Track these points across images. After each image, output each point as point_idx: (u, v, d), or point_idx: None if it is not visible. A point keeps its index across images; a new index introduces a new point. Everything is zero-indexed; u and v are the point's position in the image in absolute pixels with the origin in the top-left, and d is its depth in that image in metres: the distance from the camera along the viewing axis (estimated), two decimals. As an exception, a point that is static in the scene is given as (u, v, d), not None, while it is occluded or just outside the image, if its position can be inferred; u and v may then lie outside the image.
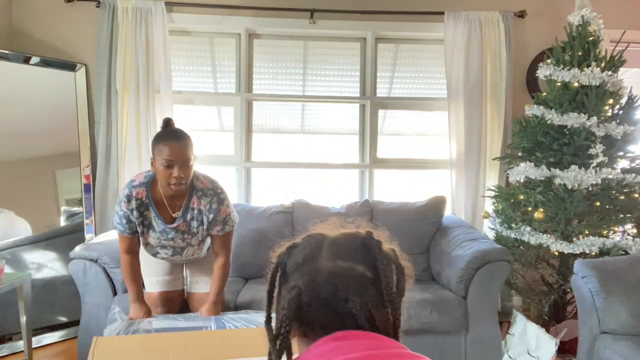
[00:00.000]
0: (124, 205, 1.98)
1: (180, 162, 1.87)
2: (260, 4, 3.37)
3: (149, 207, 1.99)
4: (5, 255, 2.82)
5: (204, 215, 2.03)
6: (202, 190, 2.02)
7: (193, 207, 2.02)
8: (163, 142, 1.89)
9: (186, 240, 2.07)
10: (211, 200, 2.03)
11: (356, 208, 3.15)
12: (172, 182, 1.89)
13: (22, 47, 3.24)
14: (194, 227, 2.05)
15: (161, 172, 1.89)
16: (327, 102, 3.60)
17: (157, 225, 2.02)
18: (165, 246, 2.07)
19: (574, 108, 2.80)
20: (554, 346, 2.43)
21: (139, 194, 1.97)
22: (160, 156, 1.88)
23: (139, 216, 1.99)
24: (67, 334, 3.01)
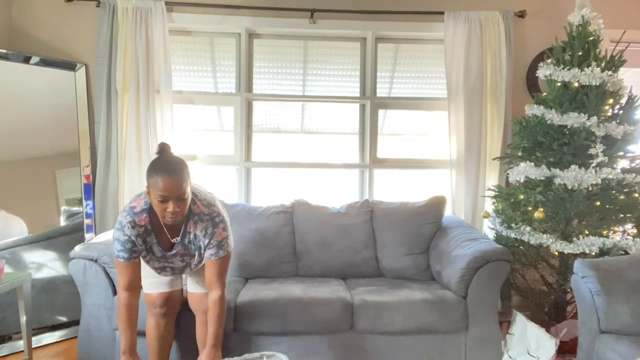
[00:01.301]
0: (127, 230, 1.95)
1: (174, 197, 1.84)
2: (260, 4, 3.37)
3: (151, 234, 2.00)
4: (5, 255, 2.82)
5: (200, 240, 2.04)
6: (198, 215, 2.00)
7: (190, 232, 2.03)
8: (157, 175, 1.83)
9: (185, 261, 2.11)
10: (206, 226, 2.01)
11: (356, 208, 3.15)
12: (167, 216, 1.87)
13: (22, 47, 3.24)
14: (192, 250, 2.08)
15: (156, 205, 1.87)
16: (327, 102, 3.60)
17: (158, 252, 2.05)
18: (165, 268, 2.11)
19: (574, 108, 2.81)
20: (554, 346, 2.43)
21: (142, 220, 1.97)
22: (155, 190, 1.84)
23: (141, 243, 2.01)
24: (67, 334, 3.01)
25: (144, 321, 2.36)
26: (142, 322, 2.36)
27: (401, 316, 2.48)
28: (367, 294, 2.61)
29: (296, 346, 2.49)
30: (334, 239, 3.02)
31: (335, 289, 2.67)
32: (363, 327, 2.49)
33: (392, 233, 3.05)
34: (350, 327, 2.51)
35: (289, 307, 2.45)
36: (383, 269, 3.04)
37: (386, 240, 3.05)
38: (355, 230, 3.05)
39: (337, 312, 2.48)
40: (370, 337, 2.51)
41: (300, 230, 3.05)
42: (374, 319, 2.48)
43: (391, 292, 2.62)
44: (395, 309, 2.49)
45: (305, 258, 3.00)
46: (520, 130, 3.00)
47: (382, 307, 2.49)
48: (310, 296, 2.53)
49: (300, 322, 2.47)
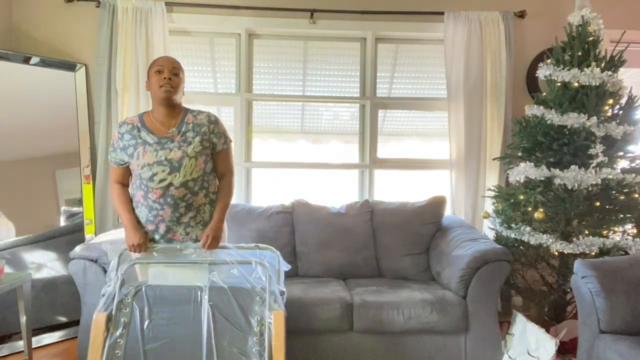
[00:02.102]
0: (115, 133, 2.17)
1: (169, 68, 2.10)
2: (260, 4, 3.37)
3: (141, 130, 2.13)
4: (5, 255, 2.82)
5: (203, 126, 2.16)
6: (197, 111, 2.22)
7: (189, 122, 2.16)
8: (156, 59, 2.17)
9: (182, 148, 2.10)
10: (208, 115, 2.21)
11: (356, 208, 3.15)
12: (161, 84, 2.08)
13: (22, 47, 3.24)
14: (190, 137, 2.13)
15: (153, 81, 2.11)
16: (327, 102, 3.60)
17: (151, 139, 2.11)
18: (161, 162, 2.08)
19: (574, 108, 2.81)
20: (554, 346, 2.43)
21: (131, 120, 2.17)
22: (153, 68, 2.12)
23: (130, 138, 2.12)
24: (67, 334, 3.01)
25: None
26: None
27: (401, 316, 2.48)
28: (367, 294, 2.61)
29: (296, 346, 2.49)
30: (334, 239, 3.01)
31: (335, 289, 2.67)
32: (363, 327, 2.49)
33: (392, 233, 3.04)
34: (350, 327, 2.51)
35: (289, 307, 2.45)
36: (383, 269, 3.04)
37: (386, 240, 3.05)
38: (355, 230, 3.05)
39: (337, 312, 2.48)
40: (370, 337, 2.51)
41: (300, 231, 3.04)
42: (374, 319, 2.48)
43: (391, 292, 2.62)
44: (395, 309, 2.49)
45: (305, 258, 3.00)
46: (520, 131, 3.00)
47: (382, 307, 2.49)
48: (310, 296, 2.53)
49: (300, 322, 2.47)
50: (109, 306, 1.95)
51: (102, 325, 1.88)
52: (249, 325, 1.96)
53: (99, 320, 1.89)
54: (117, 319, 1.93)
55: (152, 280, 2.05)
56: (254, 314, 1.98)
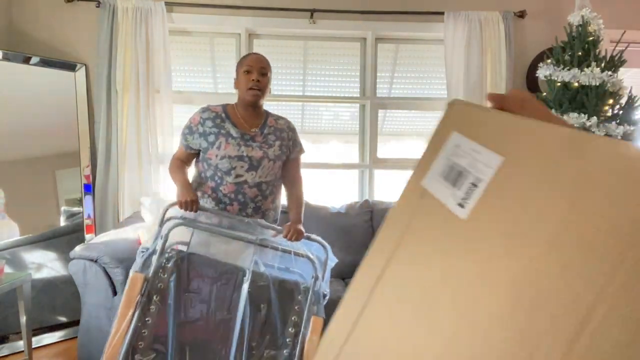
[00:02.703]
0: (195, 117, 2.11)
1: (258, 68, 2.08)
2: (260, 4, 3.37)
3: (225, 121, 2.10)
4: (5, 255, 2.82)
5: (283, 132, 2.16)
6: (277, 116, 2.23)
7: (270, 125, 2.16)
8: (245, 57, 2.16)
9: (263, 148, 2.08)
10: (288, 122, 2.23)
11: (356, 208, 3.15)
12: (249, 86, 2.06)
13: (22, 47, 3.24)
14: (271, 139, 2.13)
15: (242, 80, 2.09)
16: (327, 102, 3.60)
17: (235, 132, 2.07)
18: (242, 157, 2.04)
19: (574, 108, 2.81)
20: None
21: (215, 109, 2.12)
22: (242, 67, 2.10)
23: (212, 126, 2.07)
24: (67, 334, 3.01)
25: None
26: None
27: (401, 316, 2.48)
28: (367, 294, 2.61)
29: (296, 346, 2.49)
30: (334, 239, 3.01)
31: (336, 289, 2.67)
32: (363, 327, 2.49)
33: (392, 233, 3.05)
34: (350, 327, 2.51)
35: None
36: (383, 269, 3.04)
37: (386, 240, 3.05)
38: (355, 230, 3.05)
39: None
40: (370, 337, 2.51)
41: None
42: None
43: (391, 292, 2.62)
44: (395, 309, 2.49)
45: (305, 258, 3.00)
46: (520, 131, 2.99)
47: (382, 307, 2.49)
48: (310, 296, 2.53)
49: (300, 322, 2.46)
50: (147, 266, 1.76)
51: (138, 286, 1.70)
52: (283, 324, 1.82)
53: (136, 281, 1.71)
54: (154, 283, 1.74)
55: (193, 247, 1.86)
56: (292, 313, 1.84)
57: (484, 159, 0.48)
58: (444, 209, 0.50)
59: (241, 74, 2.10)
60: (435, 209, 0.52)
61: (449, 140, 0.54)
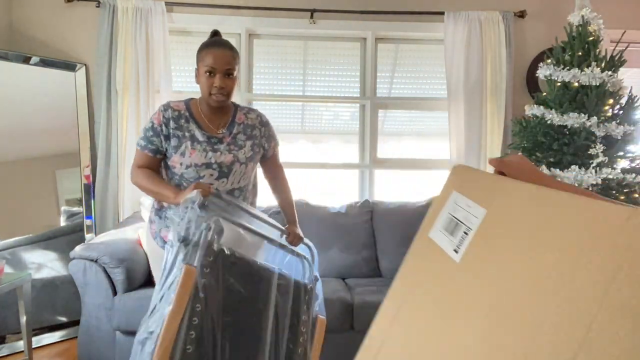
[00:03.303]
0: (157, 115, 1.83)
1: (222, 70, 1.79)
2: (260, 4, 3.37)
3: (189, 121, 1.85)
4: (5, 255, 2.82)
5: (255, 128, 1.95)
6: (247, 108, 1.99)
7: (240, 122, 1.93)
8: (206, 48, 1.84)
9: (232, 151, 1.87)
10: (259, 115, 1.99)
11: (356, 208, 3.15)
12: (212, 92, 1.80)
13: (22, 47, 3.24)
14: (241, 139, 1.91)
15: (203, 82, 1.82)
16: (327, 102, 3.60)
17: (201, 136, 1.84)
18: (210, 164, 1.83)
19: (574, 108, 2.81)
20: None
21: (177, 106, 1.86)
22: (203, 63, 1.81)
23: (176, 128, 1.82)
24: (67, 334, 3.01)
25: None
26: None
27: (401, 316, 2.48)
28: (367, 294, 2.61)
29: (296, 346, 2.48)
30: (334, 239, 3.01)
31: (335, 289, 2.67)
32: (363, 327, 2.49)
33: (392, 233, 3.04)
34: (350, 327, 2.51)
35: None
36: (383, 269, 3.04)
37: (386, 240, 3.05)
38: (355, 230, 3.05)
39: (337, 312, 2.48)
40: (370, 337, 2.51)
41: (300, 230, 3.04)
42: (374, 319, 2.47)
43: (391, 292, 2.62)
44: (395, 309, 2.49)
45: (305, 258, 2.99)
46: (520, 131, 3.00)
47: (382, 307, 2.49)
48: (310, 296, 2.53)
49: (300, 322, 2.46)
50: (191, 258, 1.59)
51: (192, 281, 1.54)
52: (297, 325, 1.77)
53: (190, 275, 1.53)
54: (200, 279, 1.60)
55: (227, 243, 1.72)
56: (302, 312, 1.79)
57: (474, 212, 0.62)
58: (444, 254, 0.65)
59: (202, 73, 1.82)
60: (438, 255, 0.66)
61: (450, 198, 0.69)
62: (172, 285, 1.53)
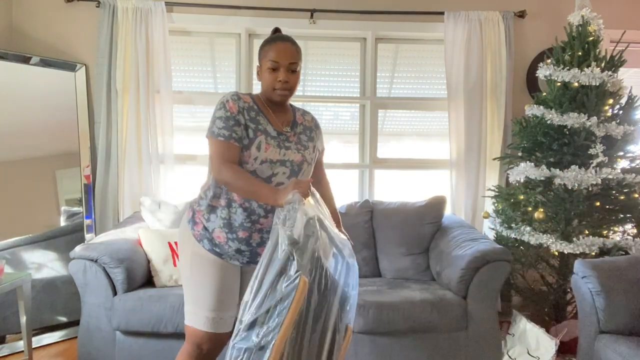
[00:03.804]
0: (231, 105, 1.73)
1: (286, 64, 1.75)
2: (260, 4, 3.37)
3: (259, 114, 1.78)
4: (5, 255, 2.82)
5: (312, 130, 1.92)
6: (302, 110, 1.97)
7: (300, 122, 1.89)
8: (270, 44, 1.80)
9: (300, 151, 1.81)
10: (313, 118, 1.98)
11: (356, 208, 3.15)
12: (277, 87, 1.75)
13: (22, 47, 3.24)
14: (304, 140, 1.86)
15: (266, 77, 1.77)
16: (327, 102, 3.60)
17: (272, 131, 1.77)
18: (285, 161, 1.76)
19: (574, 108, 2.81)
20: (554, 346, 2.43)
21: (245, 98, 1.79)
22: (266, 59, 1.77)
23: (250, 119, 1.74)
24: (67, 334, 3.01)
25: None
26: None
27: (401, 316, 2.48)
28: (367, 294, 2.61)
29: (296, 346, 2.48)
30: (334, 239, 3.01)
31: (335, 289, 2.67)
32: (363, 327, 2.49)
33: (392, 233, 3.04)
34: (350, 327, 2.51)
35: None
36: (383, 269, 3.04)
37: (386, 240, 3.05)
38: (355, 230, 3.05)
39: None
40: (370, 337, 2.51)
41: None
42: (374, 319, 2.48)
43: (391, 292, 2.62)
44: (395, 309, 2.49)
45: (305, 258, 2.99)
46: (520, 131, 3.00)
47: (382, 307, 2.49)
48: (311, 296, 2.53)
49: (300, 322, 2.46)
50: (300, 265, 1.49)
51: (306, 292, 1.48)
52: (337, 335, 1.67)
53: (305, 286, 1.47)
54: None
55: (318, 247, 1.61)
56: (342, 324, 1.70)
57: None
58: None
59: (265, 69, 1.78)
60: None
61: None
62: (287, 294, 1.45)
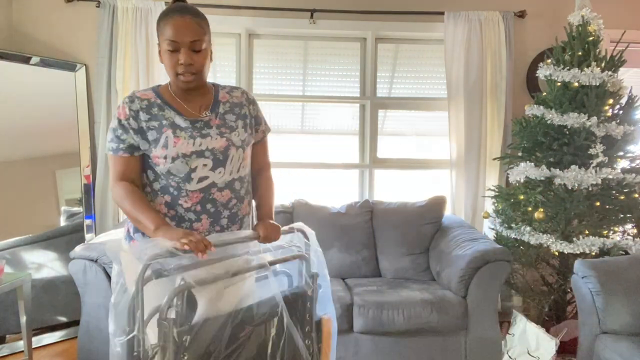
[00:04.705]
0: (120, 111, 1.51)
1: (187, 43, 1.47)
2: (260, 4, 3.37)
3: (164, 108, 1.54)
4: (5, 255, 2.82)
5: (241, 107, 1.65)
6: (229, 87, 1.70)
7: (224, 101, 1.63)
8: (165, 18, 1.49)
9: (224, 135, 1.57)
10: (244, 92, 1.70)
11: (356, 208, 3.15)
12: (179, 71, 1.50)
13: (22, 47, 3.24)
14: (231, 120, 1.61)
15: (166, 60, 1.51)
16: (327, 102, 3.60)
17: (182, 121, 1.53)
18: (202, 152, 1.52)
19: (574, 108, 2.81)
20: (554, 346, 2.43)
21: (145, 95, 1.55)
22: (163, 37, 1.49)
23: (149, 119, 1.51)
24: (67, 334, 3.02)
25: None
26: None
27: (401, 316, 2.48)
28: (367, 294, 2.61)
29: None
30: (334, 239, 3.01)
31: (336, 289, 2.67)
32: (363, 327, 2.49)
33: (392, 233, 3.04)
34: (350, 327, 2.51)
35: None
36: (383, 269, 3.04)
37: (386, 240, 3.05)
38: (355, 230, 3.05)
39: (337, 312, 2.48)
40: (370, 337, 2.51)
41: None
42: (374, 319, 2.48)
43: (391, 292, 2.62)
44: (395, 309, 2.49)
45: (305, 258, 2.99)
46: (520, 131, 3.00)
47: (382, 307, 2.49)
48: (310, 296, 2.53)
49: (300, 322, 2.46)
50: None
51: None
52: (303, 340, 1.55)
53: None
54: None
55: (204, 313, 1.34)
56: (306, 323, 1.59)
57: None
58: None
59: (164, 50, 1.50)
60: None
61: None
62: None
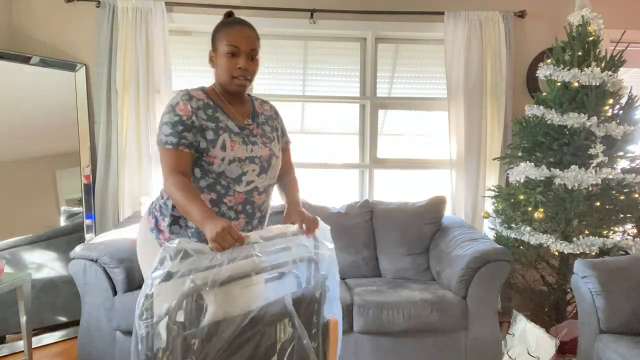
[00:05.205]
0: (181, 107, 1.55)
1: (247, 51, 1.61)
2: (260, 4, 3.37)
3: (217, 110, 1.61)
4: (5, 255, 2.82)
5: (272, 120, 1.79)
6: (260, 99, 1.83)
7: (260, 112, 1.76)
8: (227, 27, 1.65)
9: (267, 144, 1.68)
10: (272, 106, 1.84)
11: (356, 208, 3.15)
12: (236, 74, 1.60)
13: (22, 47, 3.24)
14: (268, 131, 1.73)
15: (223, 64, 1.61)
16: (327, 102, 3.60)
17: (234, 127, 1.62)
18: (254, 158, 1.62)
19: (574, 108, 2.81)
20: (554, 346, 2.43)
21: (198, 94, 1.62)
22: (224, 43, 1.62)
23: (207, 119, 1.58)
24: (67, 334, 3.02)
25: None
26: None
27: (401, 316, 2.48)
28: (367, 294, 2.61)
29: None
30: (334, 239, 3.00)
31: (335, 289, 2.67)
32: (363, 327, 2.49)
33: (392, 233, 3.04)
34: (350, 327, 2.51)
35: (289, 307, 2.45)
36: (383, 269, 3.04)
37: (386, 240, 3.05)
38: (355, 230, 3.05)
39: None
40: (370, 337, 2.51)
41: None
42: (374, 319, 2.48)
43: (391, 292, 2.62)
44: (395, 309, 2.49)
45: (305, 258, 2.99)
46: (520, 131, 3.00)
47: (382, 307, 2.49)
48: (310, 296, 2.53)
49: (300, 322, 2.46)
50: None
51: None
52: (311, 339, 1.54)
53: None
54: None
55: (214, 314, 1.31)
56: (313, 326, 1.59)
57: None
58: None
59: (222, 54, 1.62)
60: None
61: None
62: None
